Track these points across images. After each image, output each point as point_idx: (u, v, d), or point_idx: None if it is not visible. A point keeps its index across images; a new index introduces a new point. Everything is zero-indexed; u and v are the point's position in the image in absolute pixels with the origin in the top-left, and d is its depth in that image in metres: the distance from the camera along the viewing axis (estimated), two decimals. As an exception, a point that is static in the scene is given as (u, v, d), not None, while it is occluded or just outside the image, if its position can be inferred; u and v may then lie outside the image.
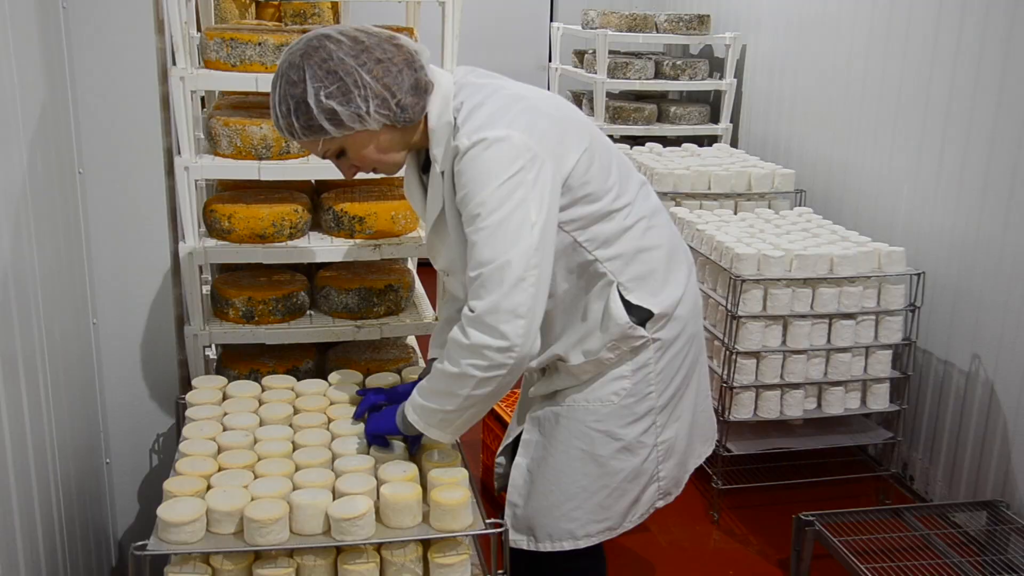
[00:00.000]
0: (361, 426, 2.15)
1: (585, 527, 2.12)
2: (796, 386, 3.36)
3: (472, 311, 1.81)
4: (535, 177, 1.81)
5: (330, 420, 2.21)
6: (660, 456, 2.15)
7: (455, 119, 1.89)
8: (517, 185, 1.79)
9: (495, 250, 1.79)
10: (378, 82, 1.83)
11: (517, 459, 2.18)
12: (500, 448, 2.37)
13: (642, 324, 2.03)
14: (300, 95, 1.81)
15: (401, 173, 2.09)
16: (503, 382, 1.85)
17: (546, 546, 2.14)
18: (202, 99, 3.27)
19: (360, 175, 2.04)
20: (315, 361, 2.74)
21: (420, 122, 1.93)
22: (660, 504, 2.22)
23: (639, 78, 5.17)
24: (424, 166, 2.08)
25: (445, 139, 1.90)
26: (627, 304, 2.01)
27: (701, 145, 4.83)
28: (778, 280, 3.26)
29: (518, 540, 2.16)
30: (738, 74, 5.18)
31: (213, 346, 2.89)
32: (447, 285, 2.21)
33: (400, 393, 2.16)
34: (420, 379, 2.20)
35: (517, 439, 2.25)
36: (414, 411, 1.96)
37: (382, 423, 2.06)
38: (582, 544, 2.13)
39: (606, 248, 1.99)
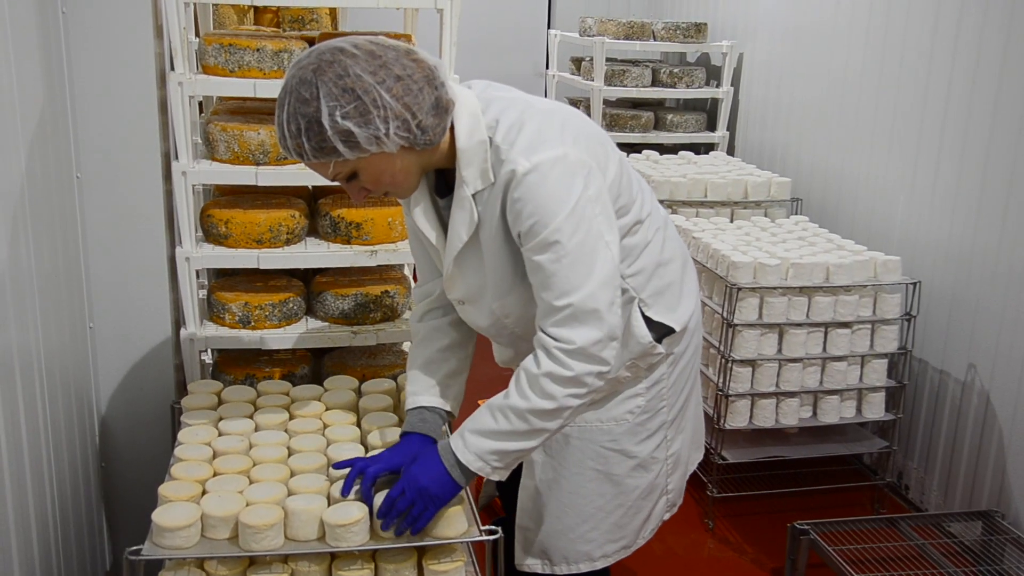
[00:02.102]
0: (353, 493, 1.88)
1: (602, 548, 2.09)
2: (792, 394, 3.37)
3: (572, 343, 1.72)
4: (596, 192, 1.75)
5: (325, 426, 2.21)
6: (669, 469, 2.14)
7: (490, 138, 1.76)
8: (585, 204, 1.72)
9: (580, 278, 1.72)
10: (398, 101, 1.65)
11: (524, 480, 2.11)
12: None
13: (659, 341, 1.99)
14: (312, 114, 1.63)
15: None
16: (588, 405, 1.83)
17: (562, 569, 2.09)
18: (200, 104, 3.27)
19: None
20: (311, 367, 2.74)
21: (440, 143, 1.77)
22: (667, 517, 2.21)
23: (636, 86, 5.18)
24: (437, 188, 1.91)
25: (479, 159, 1.76)
26: (647, 321, 1.97)
27: (698, 153, 4.84)
28: (774, 288, 3.27)
29: (532, 564, 2.11)
30: (735, 82, 5.19)
31: (209, 351, 2.89)
32: (461, 314, 2.02)
33: (398, 459, 1.88)
34: (410, 408, 2.03)
35: None
36: (479, 458, 1.78)
37: (441, 492, 1.78)
38: (599, 565, 2.10)
39: (628, 263, 1.93)
